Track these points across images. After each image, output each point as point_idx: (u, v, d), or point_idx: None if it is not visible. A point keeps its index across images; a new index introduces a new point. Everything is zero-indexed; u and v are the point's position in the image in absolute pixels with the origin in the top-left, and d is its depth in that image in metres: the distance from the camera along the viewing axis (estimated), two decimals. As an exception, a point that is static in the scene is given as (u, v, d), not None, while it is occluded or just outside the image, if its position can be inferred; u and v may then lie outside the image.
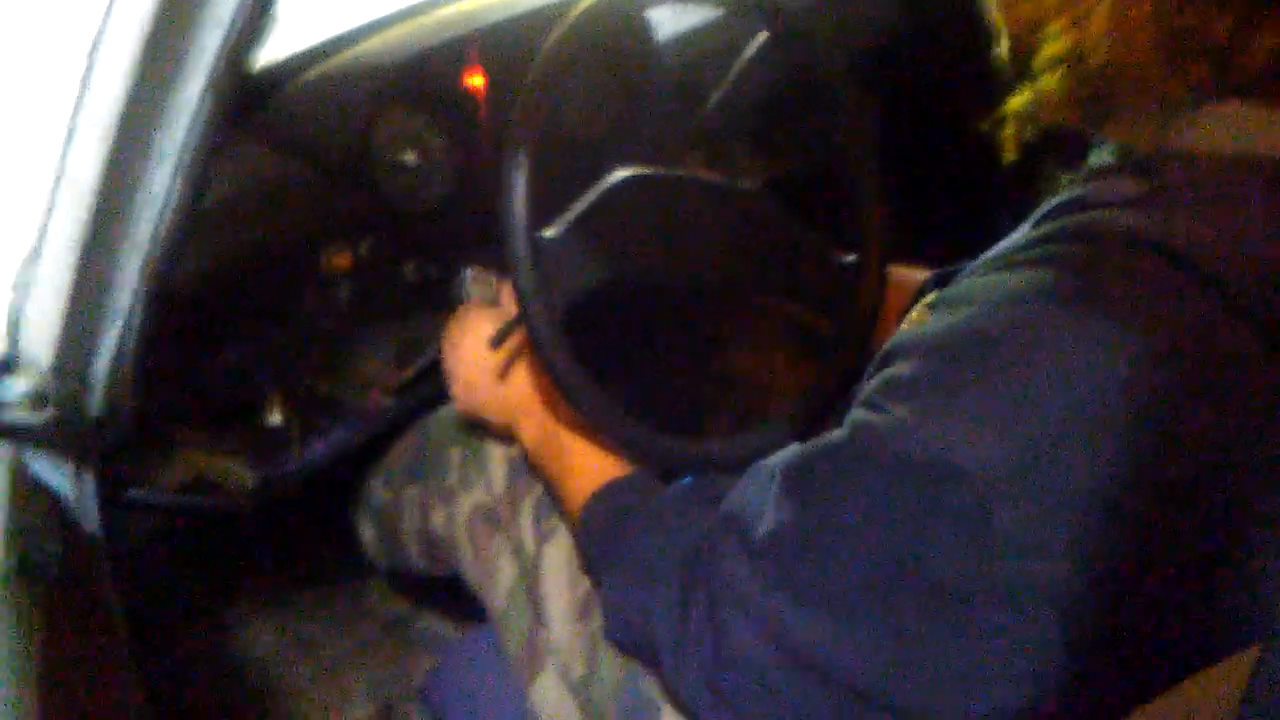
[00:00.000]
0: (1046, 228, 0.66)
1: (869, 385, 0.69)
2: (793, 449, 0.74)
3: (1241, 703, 0.34)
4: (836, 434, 0.69)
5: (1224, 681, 0.53)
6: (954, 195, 1.56)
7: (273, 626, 1.50)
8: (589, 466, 0.93)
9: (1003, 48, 0.76)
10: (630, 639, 0.85)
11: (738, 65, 1.08)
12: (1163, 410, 0.58)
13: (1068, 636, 0.60)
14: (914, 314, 0.74)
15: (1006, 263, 0.65)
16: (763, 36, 1.04)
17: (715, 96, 1.07)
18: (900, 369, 0.66)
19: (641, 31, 1.18)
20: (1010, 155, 0.77)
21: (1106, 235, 0.62)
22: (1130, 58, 0.67)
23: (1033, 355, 0.59)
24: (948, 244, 1.18)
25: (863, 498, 0.64)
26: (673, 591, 0.76)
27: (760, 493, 0.73)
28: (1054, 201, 0.69)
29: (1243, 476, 0.59)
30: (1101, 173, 0.70)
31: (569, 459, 0.95)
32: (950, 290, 0.68)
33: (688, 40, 1.26)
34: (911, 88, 1.58)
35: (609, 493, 0.90)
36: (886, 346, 0.70)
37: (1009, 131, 0.77)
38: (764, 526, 0.70)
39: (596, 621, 0.96)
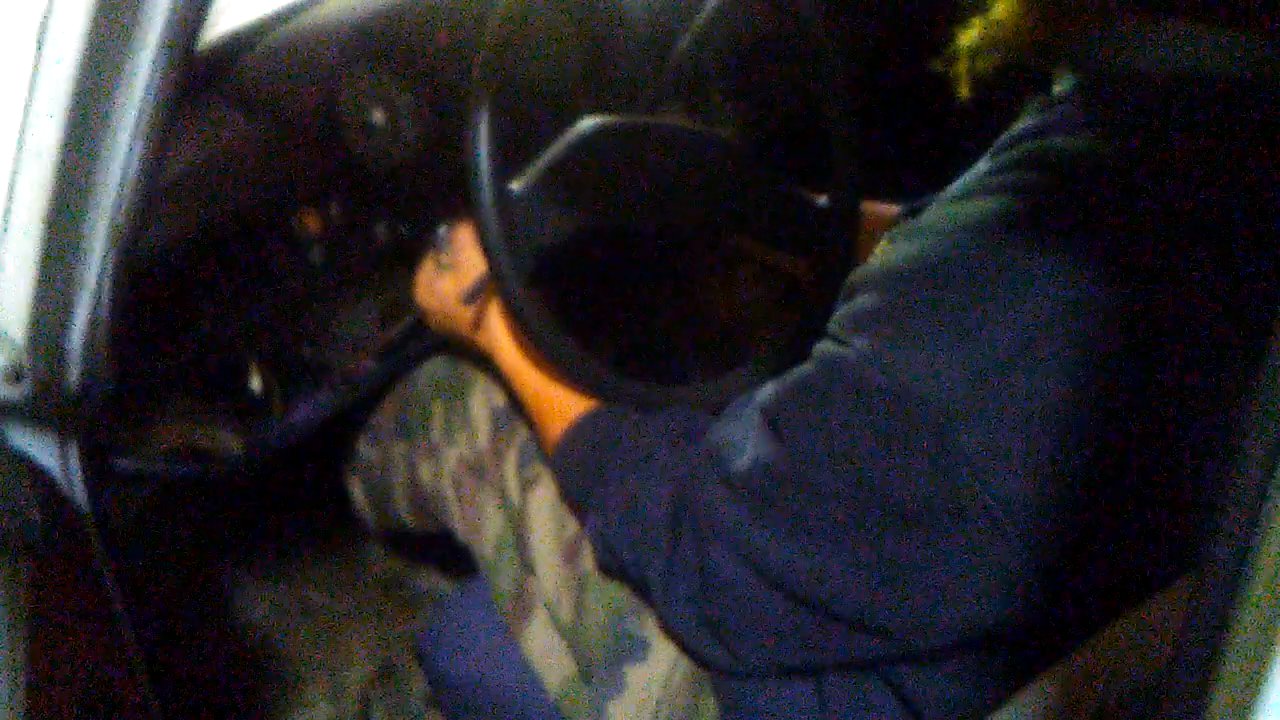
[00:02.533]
0: (1002, 158, 0.67)
1: (835, 317, 0.71)
2: (770, 385, 0.76)
3: (1180, 628, 0.35)
4: (805, 368, 0.71)
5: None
6: (925, 130, 1.56)
7: (271, 591, 1.51)
8: (563, 399, 0.94)
9: None
10: (619, 570, 0.86)
11: (707, 9, 1.07)
12: (1111, 331, 0.59)
13: (1029, 551, 0.62)
14: (878, 249, 0.75)
15: (964, 193, 0.67)
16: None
17: (685, 41, 1.06)
18: (861, 301, 0.67)
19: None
20: (964, 91, 0.78)
21: (1058, 161, 0.63)
22: None
23: (986, 281, 0.61)
24: (922, 179, 1.19)
25: (830, 428, 0.66)
26: (660, 528, 0.78)
27: (741, 429, 0.75)
28: (1012, 131, 0.70)
29: (1182, 394, 0.60)
30: (1057, 100, 0.70)
31: (542, 391, 0.96)
32: (910, 223, 0.70)
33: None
34: (882, 26, 1.57)
35: (585, 425, 0.91)
36: (850, 279, 0.71)
37: (961, 68, 0.77)
38: (743, 461, 0.72)
39: (583, 564, 0.98)
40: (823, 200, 1.06)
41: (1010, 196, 0.63)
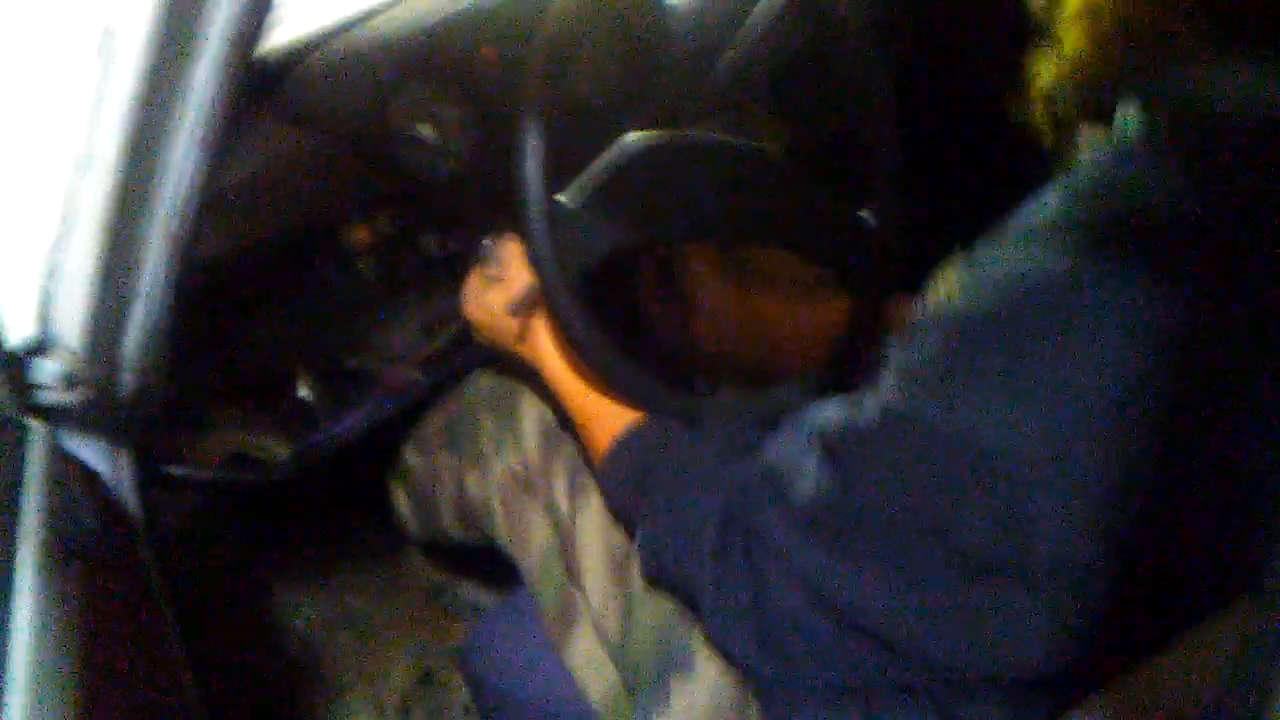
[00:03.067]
0: (1075, 203, 0.64)
1: (897, 357, 0.69)
2: (831, 412, 0.75)
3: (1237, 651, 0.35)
4: (869, 407, 0.69)
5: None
6: (971, 151, 1.55)
7: (313, 599, 1.52)
8: (610, 411, 0.93)
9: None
10: (666, 581, 0.86)
11: (752, 27, 1.07)
12: (1193, 391, 0.58)
13: (1092, 604, 0.62)
14: (940, 283, 0.73)
15: (1035, 238, 0.64)
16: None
17: (729, 57, 1.06)
18: (930, 347, 0.66)
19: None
20: (1049, 137, 0.76)
21: (1135, 207, 0.62)
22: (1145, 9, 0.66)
23: (1064, 338, 0.59)
24: (969, 202, 1.18)
25: (896, 473, 0.65)
26: (708, 541, 0.78)
27: (799, 452, 0.74)
28: (1081, 174, 0.67)
29: (1253, 448, 0.59)
30: (1129, 144, 0.68)
31: (589, 403, 0.95)
32: (981, 262, 0.67)
33: (701, 2, 1.25)
34: (928, 48, 1.57)
35: (633, 437, 0.90)
36: (914, 320, 0.70)
37: (1041, 113, 0.76)
38: (803, 487, 0.71)
39: (631, 577, 0.98)
40: (867, 216, 1.06)
41: (1086, 243, 0.61)
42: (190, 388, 0.96)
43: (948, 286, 0.69)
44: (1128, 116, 0.71)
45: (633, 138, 0.93)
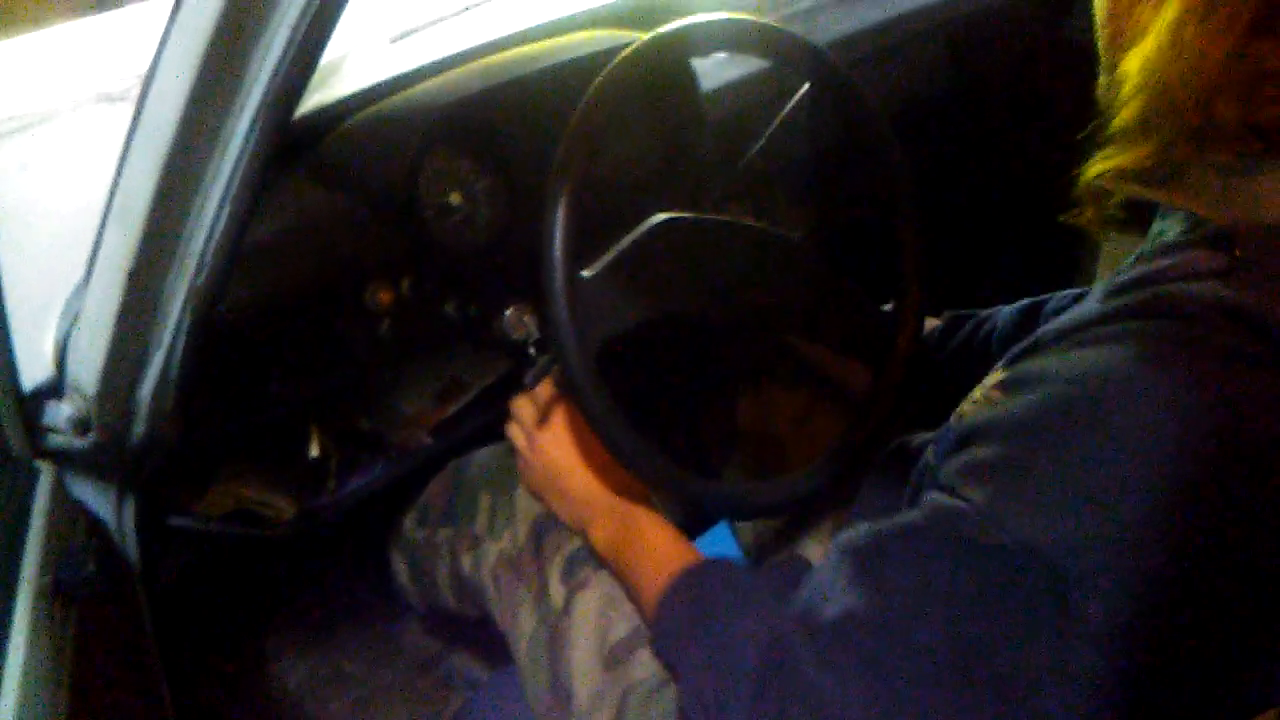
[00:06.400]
0: (1122, 301, 0.64)
1: (946, 468, 0.68)
2: (861, 530, 0.72)
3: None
4: (911, 516, 0.68)
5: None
6: (993, 242, 1.56)
7: (307, 660, 1.50)
8: (664, 556, 0.92)
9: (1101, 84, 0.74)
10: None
11: (780, 116, 1.09)
12: (1253, 490, 0.57)
13: (1123, 711, 0.59)
14: (979, 393, 0.73)
15: (1083, 339, 0.64)
16: (805, 87, 1.05)
17: (757, 146, 1.07)
18: (979, 452, 0.65)
19: (686, 78, 1.20)
20: (1100, 235, 0.76)
21: (1188, 308, 0.61)
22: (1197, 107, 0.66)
23: (1119, 436, 0.58)
24: (989, 290, 1.19)
25: (935, 583, 0.63)
26: (747, 684, 0.74)
27: (829, 580, 0.72)
28: (1125, 276, 0.68)
29: None
30: (1172, 247, 0.68)
31: (643, 551, 0.95)
32: (1024, 368, 0.67)
33: (732, 89, 1.27)
34: (952, 141, 1.59)
35: (689, 580, 0.88)
36: (962, 429, 0.69)
37: (1090, 214, 0.76)
38: (831, 610, 0.69)
39: (626, 673, 0.96)
40: (889, 308, 1.06)
41: (1139, 345, 0.60)
42: (201, 438, 0.95)
43: (990, 393, 0.69)
44: (1166, 217, 0.71)
45: (660, 218, 0.94)
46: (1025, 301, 1.10)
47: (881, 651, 0.65)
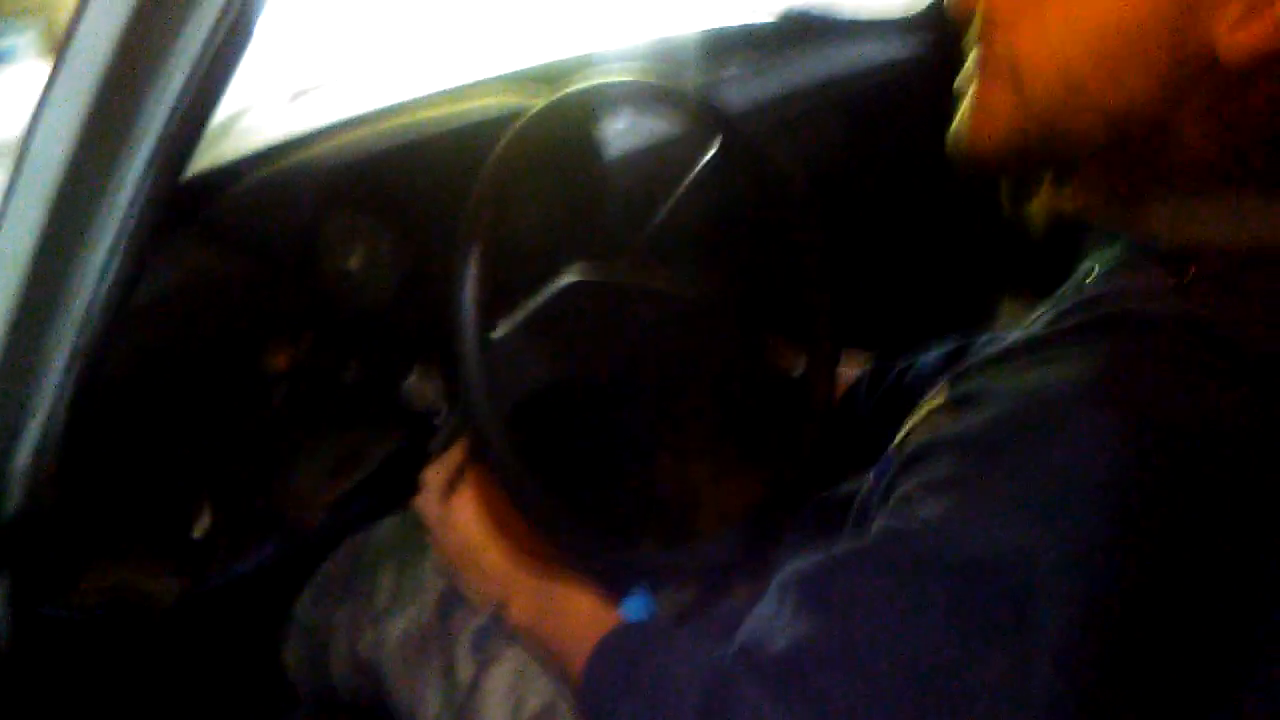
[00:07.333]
0: (1075, 320, 0.64)
1: (895, 492, 0.66)
2: (804, 560, 0.70)
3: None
4: (858, 542, 0.66)
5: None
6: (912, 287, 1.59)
7: (188, 757, 1.41)
8: (591, 619, 0.89)
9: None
10: None
11: (690, 177, 1.08)
12: (1207, 499, 0.56)
13: None
14: (919, 417, 0.71)
15: (1034, 358, 0.64)
16: (715, 145, 1.05)
17: (667, 205, 1.07)
18: (929, 471, 0.64)
19: (594, 137, 1.19)
20: (1037, 237, 0.77)
21: (1143, 323, 0.61)
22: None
23: (1076, 445, 0.57)
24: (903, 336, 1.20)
25: (894, 606, 0.61)
26: None
27: (770, 615, 0.69)
28: (1076, 295, 0.68)
29: (1272, 566, 0.57)
30: (1122, 268, 0.69)
31: (567, 617, 0.92)
32: (969, 387, 0.66)
33: (641, 147, 1.27)
34: (867, 197, 1.62)
35: (618, 638, 0.85)
36: (909, 451, 0.67)
37: (1038, 221, 0.76)
38: (778, 644, 0.66)
39: None
40: (798, 371, 1.06)
41: (1094, 359, 0.60)
42: (80, 512, 0.89)
43: (932, 416, 0.68)
44: (1114, 244, 0.72)
45: (570, 279, 0.92)
46: (950, 345, 1.10)
47: (834, 682, 0.62)
